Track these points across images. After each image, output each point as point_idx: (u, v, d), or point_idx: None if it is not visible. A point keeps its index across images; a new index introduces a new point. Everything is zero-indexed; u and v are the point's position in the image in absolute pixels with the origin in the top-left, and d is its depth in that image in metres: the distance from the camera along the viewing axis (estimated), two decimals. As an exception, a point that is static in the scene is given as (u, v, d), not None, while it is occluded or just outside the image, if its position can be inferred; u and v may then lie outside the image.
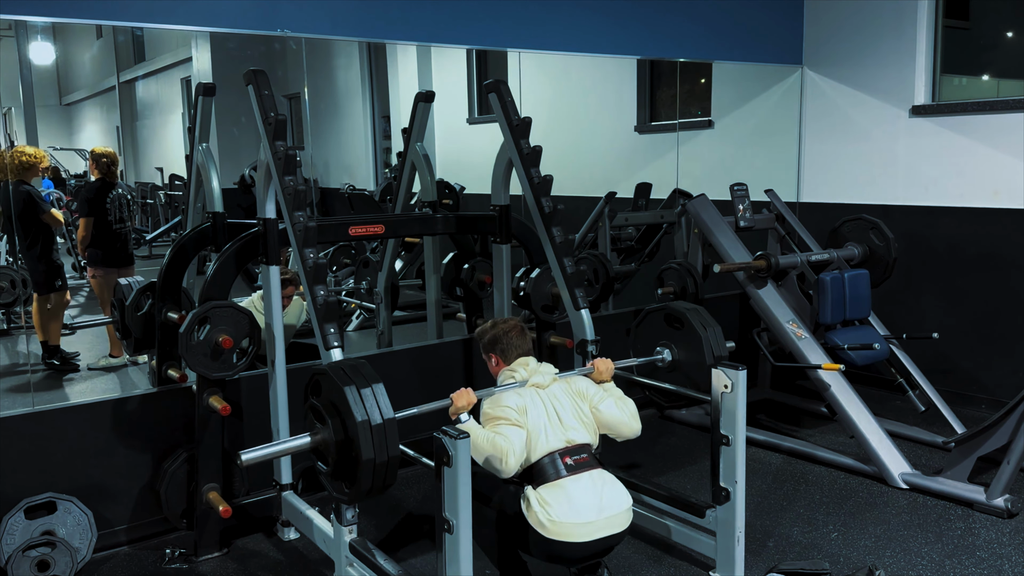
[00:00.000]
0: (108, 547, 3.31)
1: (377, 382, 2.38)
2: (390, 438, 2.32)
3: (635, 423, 2.87)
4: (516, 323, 2.98)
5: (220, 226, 3.89)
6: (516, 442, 2.59)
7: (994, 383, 4.78)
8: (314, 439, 2.44)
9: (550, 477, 2.61)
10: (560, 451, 2.65)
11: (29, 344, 5.55)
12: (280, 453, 2.55)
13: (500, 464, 2.57)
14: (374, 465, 2.30)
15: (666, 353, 3.40)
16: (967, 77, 5.14)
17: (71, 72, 8.34)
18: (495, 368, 2.96)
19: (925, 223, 4.98)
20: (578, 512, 2.57)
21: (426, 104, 4.92)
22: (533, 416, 2.68)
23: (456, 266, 4.53)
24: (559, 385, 2.83)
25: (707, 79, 6.25)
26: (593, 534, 2.58)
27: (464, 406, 2.66)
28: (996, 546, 3.26)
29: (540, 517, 2.56)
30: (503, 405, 2.68)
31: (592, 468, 2.69)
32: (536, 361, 2.91)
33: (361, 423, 2.28)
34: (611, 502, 2.64)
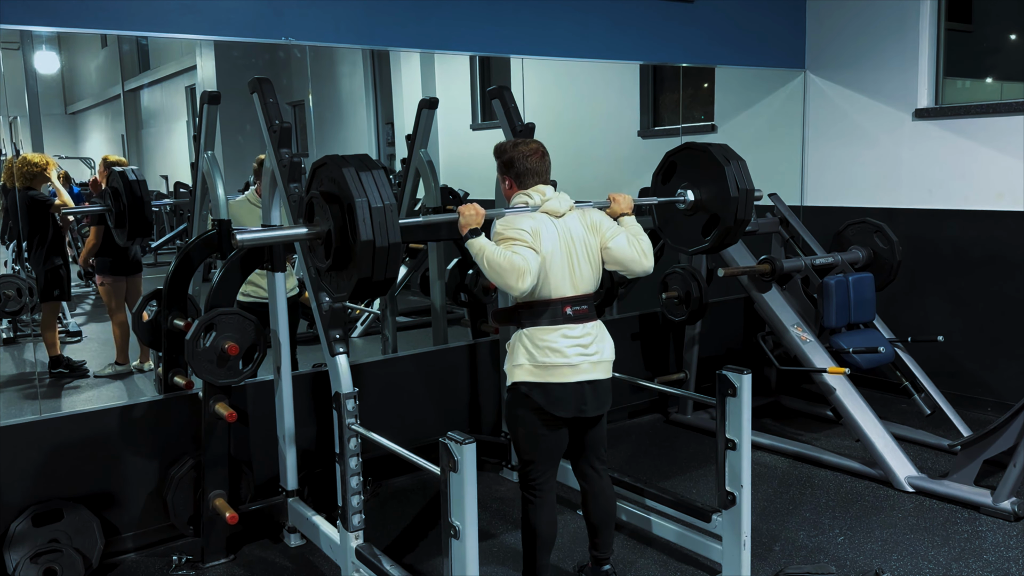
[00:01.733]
0: (115, 554, 3.32)
1: (378, 169, 2.29)
2: (390, 221, 2.21)
3: (646, 260, 2.79)
4: (538, 146, 2.79)
5: (225, 233, 3.90)
6: (532, 263, 2.54)
7: (1000, 385, 4.77)
8: (312, 229, 2.36)
9: (546, 322, 2.64)
10: (562, 299, 2.65)
11: (36, 352, 5.57)
12: (276, 238, 2.46)
13: (516, 281, 2.52)
14: (374, 248, 2.19)
15: (688, 193, 3.23)
16: (970, 80, 5.14)
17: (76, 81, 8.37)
18: (508, 191, 2.81)
19: (929, 226, 4.98)
20: (566, 358, 2.62)
21: (430, 111, 4.93)
22: (547, 244, 2.61)
23: (461, 272, 4.54)
24: (574, 216, 2.74)
25: (710, 83, 6.26)
26: (578, 375, 2.65)
27: (473, 215, 2.60)
28: (1003, 549, 3.25)
29: (526, 363, 2.63)
30: (517, 227, 2.60)
31: (589, 320, 2.71)
32: (552, 189, 2.78)
33: (360, 203, 2.18)
34: (598, 349, 2.70)
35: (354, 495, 2.86)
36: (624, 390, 4.37)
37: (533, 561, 2.77)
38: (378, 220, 2.19)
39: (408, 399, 4.03)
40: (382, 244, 2.20)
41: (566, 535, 3.41)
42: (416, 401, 4.07)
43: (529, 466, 2.75)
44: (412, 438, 3.22)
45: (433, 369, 4.16)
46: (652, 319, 4.97)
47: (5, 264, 5.90)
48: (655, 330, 5.00)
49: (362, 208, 2.18)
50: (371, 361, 4.06)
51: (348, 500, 2.86)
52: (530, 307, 2.67)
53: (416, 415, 4.04)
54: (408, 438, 2.99)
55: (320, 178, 2.35)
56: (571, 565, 3.18)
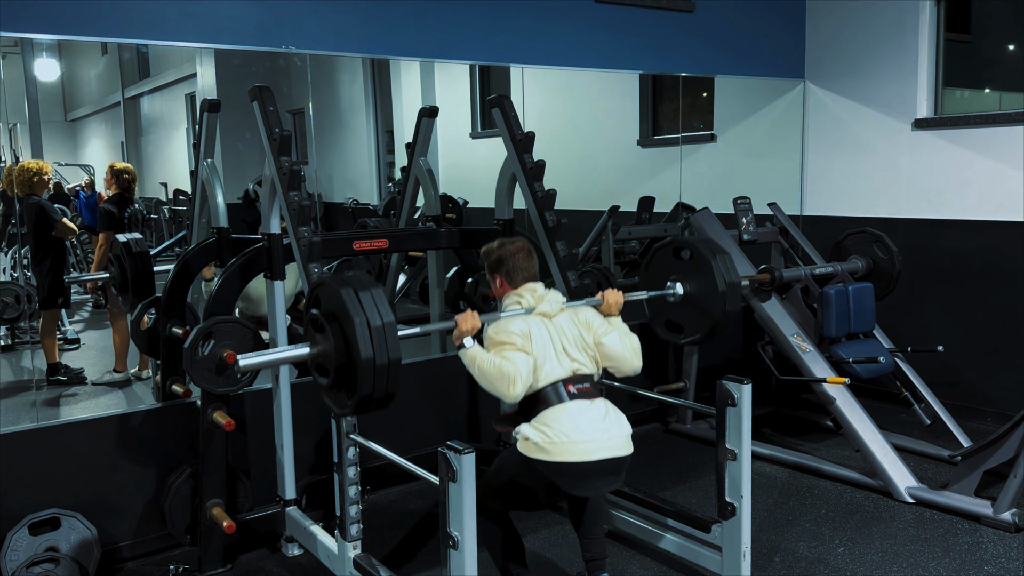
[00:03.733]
0: (112, 563, 3.30)
1: (376, 287, 2.32)
2: (390, 339, 2.23)
3: (636, 360, 2.81)
4: (524, 244, 2.87)
5: (224, 241, 3.90)
6: (523, 367, 2.55)
7: (1000, 396, 4.76)
8: (313, 349, 2.37)
9: (552, 402, 2.58)
10: (563, 380, 2.63)
11: (34, 359, 5.56)
12: (278, 361, 2.47)
13: (507, 388, 2.53)
14: (374, 367, 2.21)
15: (677, 287, 3.28)
16: (969, 90, 5.15)
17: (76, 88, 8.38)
18: (499, 290, 2.86)
19: (929, 236, 4.98)
20: (580, 431, 2.54)
21: (430, 119, 4.94)
22: (538, 343, 2.63)
23: (460, 280, 4.54)
24: (565, 315, 2.77)
25: (709, 93, 6.27)
26: (594, 454, 2.54)
27: (468, 330, 2.61)
28: (1004, 560, 3.24)
29: (539, 442, 2.53)
30: (508, 331, 2.63)
31: (595, 396, 2.66)
32: (543, 287, 2.83)
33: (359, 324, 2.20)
34: (613, 424, 2.62)
35: (352, 504, 2.85)
36: (623, 399, 4.35)
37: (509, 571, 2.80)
38: (378, 338, 2.23)
39: (407, 408, 4.02)
40: (382, 361, 2.23)
41: (565, 545, 3.40)
42: (415, 410, 4.06)
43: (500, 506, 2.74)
44: (411, 447, 3.21)
45: (432, 378, 4.15)
46: (652, 328, 4.95)
47: (4, 271, 5.90)
48: (655, 339, 4.98)
49: (361, 327, 2.21)
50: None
51: (346, 510, 2.84)
52: (532, 398, 2.62)
53: (415, 424, 4.03)
54: (407, 447, 2.98)
55: (319, 298, 2.39)
56: (572, 573, 3.16)
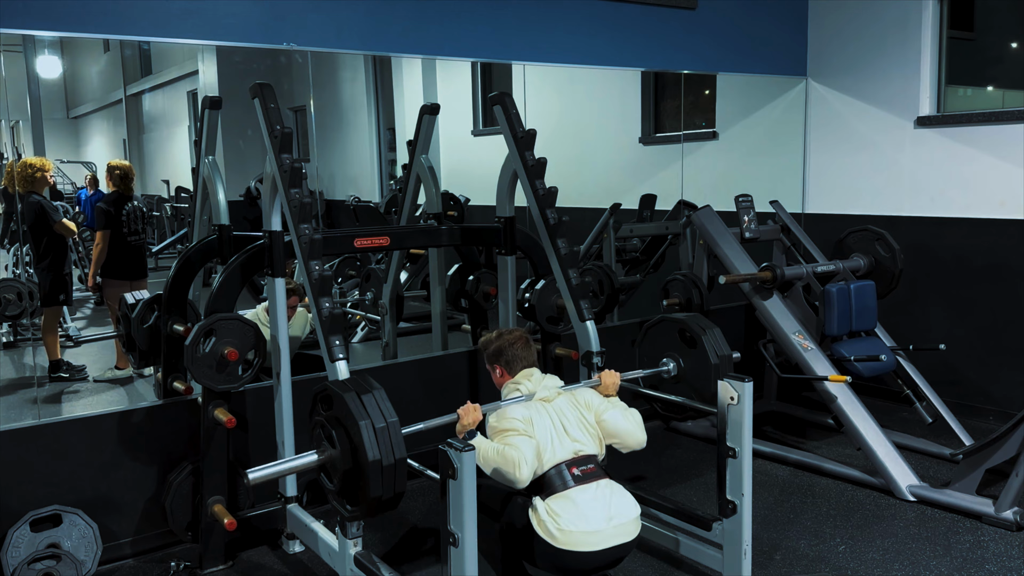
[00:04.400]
0: (113, 560, 3.30)
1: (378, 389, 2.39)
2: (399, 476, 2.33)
3: (640, 433, 2.86)
4: (521, 334, 2.98)
5: (226, 238, 3.90)
6: (527, 451, 2.58)
7: (1002, 395, 4.75)
8: (321, 458, 2.44)
9: (557, 488, 2.61)
10: (567, 462, 2.65)
11: (35, 356, 5.56)
12: (287, 472, 2.55)
13: (513, 473, 2.55)
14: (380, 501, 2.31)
15: (671, 365, 3.40)
16: (972, 88, 5.14)
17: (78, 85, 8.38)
18: (499, 380, 2.96)
19: (931, 234, 4.97)
20: (587, 520, 2.56)
21: (431, 116, 4.93)
22: (540, 428, 2.68)
23: (461, 278, 4.53)
24: (564, 398, 2.83)
25: (711, 90, 6.26)
26: (602, 543, 2.57)
27: (470, 423, 2.67)
28: (1005, 559, 3.23)
29: (549, 527, 2.55)
30: (509, 417, 2.68)
31: (599, 478, 2.68)
32: (540, 373, 2.92)
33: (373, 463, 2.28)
34: (619, 511, 2.63)
35: (353, 502, 2.85)
36: (625, 397, 4.35)
37: None
38: (383, 439, 2.30)
39: (408, 405, 4.00)
40: (388, 462, 2.30)
41: (566, 543, 3.40)
42: (416, 407, 4.05)
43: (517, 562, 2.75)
44: (411, 445, 3.21)
45: (433, 375, 4.15)
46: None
47: (6, 268, 5.90)
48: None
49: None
50: (371, 367, 4.05)
51: (347, 507, 2.84)
52: (537, 482, 2.64)
53: (416, 422, 4.02)
54: (408, 444, 2.98)
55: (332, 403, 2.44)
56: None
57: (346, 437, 2.37)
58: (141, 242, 5.53)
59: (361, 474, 2.32)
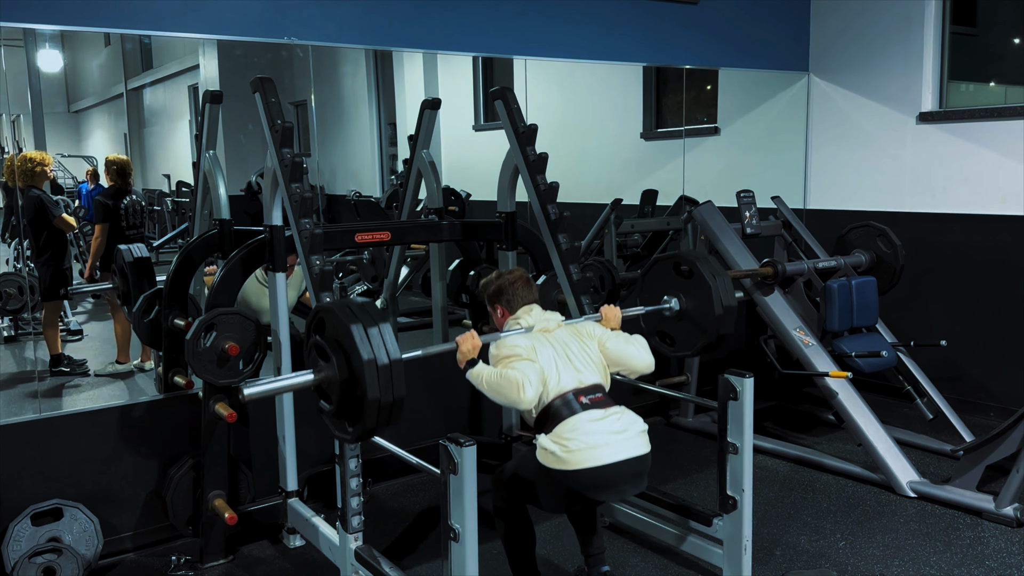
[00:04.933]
0: (114, 554, 3.31)
1: (384, 322, 2.32)
2: (396, 378, 2.25)
3: (647, 355, 2.82)
4: (522, 273, 2.91)
5: (227, 233, 3.89)
6: (531, 373, 2.54)
7: (1003, 391, 4.75)
8: (317, 376, 2.37)
9: (564, 416, 2.56)
10: (574, 391, 2.61)
11: (36, 351, 5.57)
12: (282, 389, 2.49)
13: (518, 394, 2.51)
14: (379, 405, 2.23)
15: (673, 302, 3.28)
16: (974, 84, 5.13)
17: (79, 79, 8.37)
18: (500, 320, 2.89)
19: (932, 230, 4.96)
20: (596, 435, 2.52)
21: (432, 111, 4.92)
22: (544, 356, 2.63)
23: (462, 273, 4.53)
24: (565, 330, 2.78)
25: (713, 86, 6.25)
26: (614, 456, 2.52)
27: (470, 350, 2.62)
28: (1005, 555, 3.24)
29: (558, 453, 2.50)
30: (511, 345, 2.64)
31: (609, 405, 2.65)
32: (541, 309, 2.84)
33: (367, 362, 2.20)
34: (628, 425, 2.61)
35: (353, 496, 2.85)
36: (625, 393, 4.35)
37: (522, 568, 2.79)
38: (384, 377, 2.23)
39: (409, 401, 4.00)
40: (387, 401, 2.25)
41: (565, 539, 3.40)
42: (416, 403, 4.05)
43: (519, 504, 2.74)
44: (412, 439, 3.22)
45: (434, 370, 4.15)
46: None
47: (7, 263, 5.91)
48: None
49: (370, 367, 2.22)
50: (372, 362, 4.05)
51: (348, 501, 2.85)
52: (546, 412, 2.61)
53: (416, 417, 4.03)
54: (408, 439, 2.99)
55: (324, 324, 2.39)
56: (571, 567, 3.17)
57: (340, 349, 2.30)
58: (140, 236, 5.53)
59: (358, 381, 2.25)
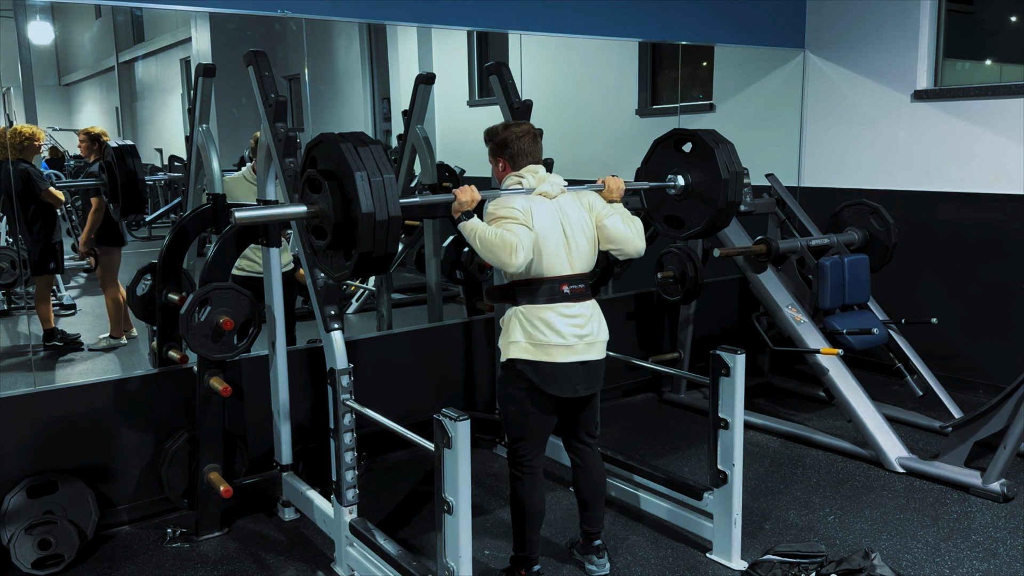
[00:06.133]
0: (110, 526, 3.33)
1: (376, 144, 2.28)
2: (390, 197, 2.21)
3: (639, 241, 2.83)
4: (529, 128, 2.82)
5: (220, 208, 3.88)
6: (524, 238, 2.56)
7: (992, 368, 4.79)
8: (310, 207, 2.34)
9: (544, 298, 2.65)
10: (561, 278, 2.67)
11: (30, 325, 5.56)
12: (273, 216, 2.43)
13: (509, 257, 2.54)
14: (374, 221, 2.19)
15: (679, 179, 3.21)
16: (970, 62, 5.12)
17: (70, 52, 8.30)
18: (501, 173, 2.83)
19: (926, 208, 4.98)
20: (561, 334, 2.64)
21: (427, 86, 4.89)
22: (540, 222, 2.63)
23: (456, 249, 4.53)
24: (567, 196, 2.77)
25: (709, 62, 6.22)
26: (573, 356, 2.67)
27: (468, 201, 2.63)
28: (992, 530, 3.28)
29: (521, 340, 2.65)
30: (509, 206, 2.63)
31: (586, 299, 2.73)
32: (546, 170, 2.82)
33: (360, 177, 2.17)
34: (595, 331, 2.73)
35: (348, 470, 2.87)
36: (618, 369, 4.38)
37: (523, 536, 2.79)
38: (378, 193, 2.18)
39: (403, 376, 4.04)
40: (382, 217, 2.18)
41: (559, 511, 3.43)
42: (411, 378, 4.08)
43: (518, 443, 2.77)
44: (407, 414, 3.24)
45: (428, 346, 4.17)
46: (647, 299, 4.97)
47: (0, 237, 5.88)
48: (650, 310, 5.01)
49: (362, 180, 2.17)
50: (366, 337, 4.07)
51: (342, 475, 2.87)
52: (527, 284, 2.67)
53: (411, 392, 4.05)
54: (403, 414, 3.00)
55: (316, 156, 2.34)
56: (563, 540, 3.20)
57: (333, 176, 2.25)
58: None
59: (351, 201, 2.20)
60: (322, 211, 2.29)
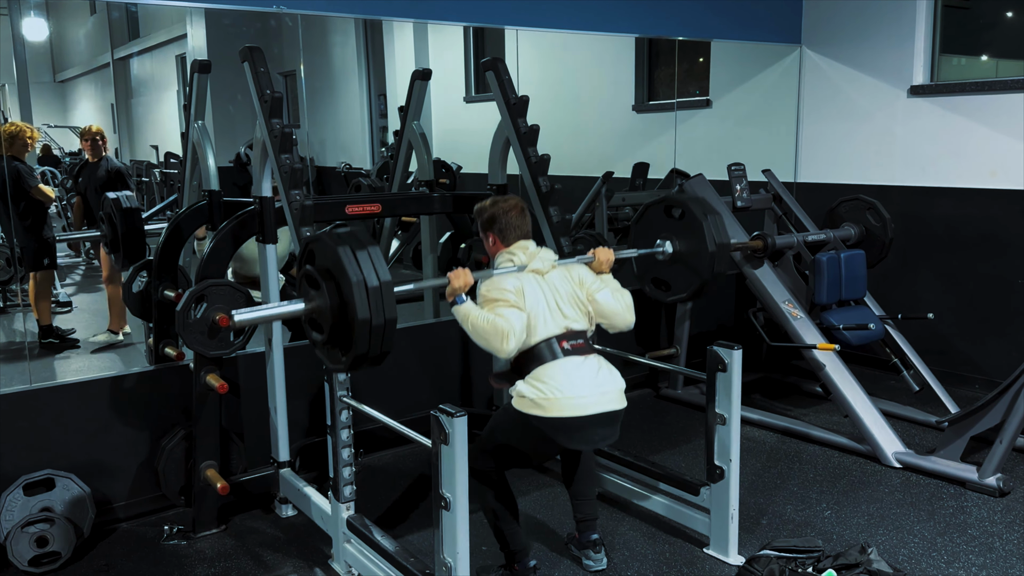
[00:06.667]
0: (107, 523, 3.33)
1: (373, 245, 2.31)
2: (387, 300, 2.25)
3: (629, 315, 2.85)
4: (517, 202, 2.86)
5: (216, 204, 3.88)
6: (516, 323, 2.57)
7: (988, 363, 4.80)
8: (308, 305, 2.37)
9: (546, 359, 2.61)
10: (557, 336, 2.65)
11: (26, 322, 5.55)
12: (273, 317, 2.49)
13: (501, 344, 2.55)
14: (370, 327, 2.22)
15: (667, 245, 3.28)
16: (966, 57, 5.13)
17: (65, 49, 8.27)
18: (492, 248, 2.87)
19: (922, 203, 4.98)
20: (573, 386, 2.57)
21: (423, 82, 4.89)
22: (531, 300, 2.65)
23: (453, 246, 4.53)
24: (558, 272, 2.79)
25: (705, 58, 6.22)
26: (588, 409, 2.58)
27: (461, 287, 2.65)
28: (987, 524, 3.29)
29: (535, 398, 2.56)
30: (501, 287, 2.64)
31: (589, 353, 2.69)
32: (535, 245, 2.84)
33: (356, 283, 2.20)
34: (606, 380, 2.66)
35: (345, 467, 2.87)
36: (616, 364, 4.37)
37: (502, 534, 2.81)
38: (375, 299, 2.22)
39: (400, 372, 4.04)
40: (378, 322, 2.23)
41: (556, 508, 3.44)
42: (408, 374, 4.08)
43: (493, 465, 2.76)
44: (404, 411, 3.23)
45: (425, 343, 4.16)
46: (644, 294, 4.96)
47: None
48: (647, 305, 4.98)
49: (359, 288, 2.21)
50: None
51: (339, 471, 2.87)
52: (527, 354, 2.64)
53: (408, 388, 4.05)
54: (400, 411, 3.00)
55: (314, 252, 2.38)
56: (561, 535, 3.20)
57: (330, 276, 2.29)
58: None
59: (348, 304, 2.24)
60: (320, 308, 2.34)
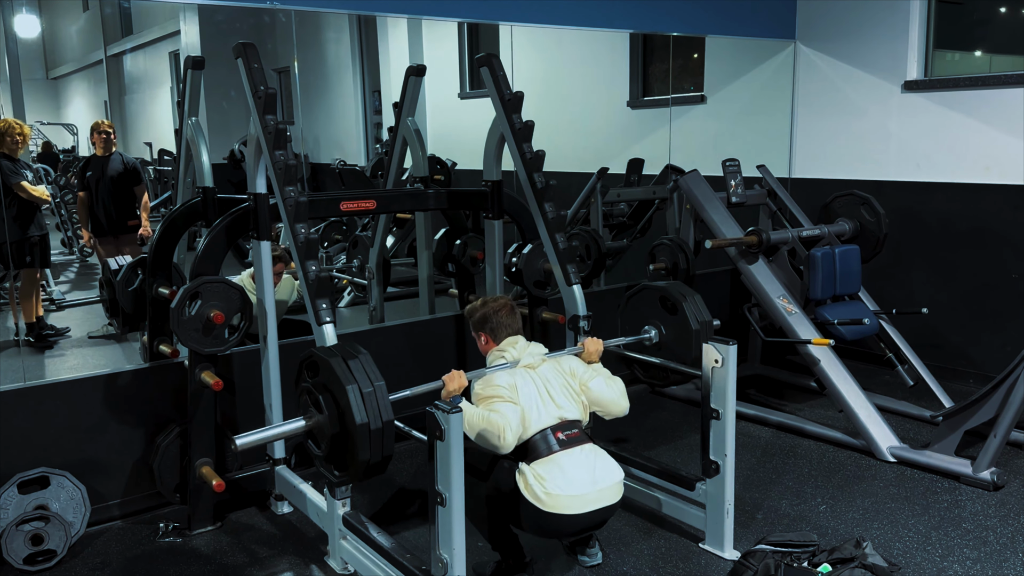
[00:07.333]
0: (102, 521, 3.32)
1: (364, 353, 2.39)
2: (387, 438, 2.36)
3: (623, 401, 2.92)
4: (506, 301, 3.00)
5: (210, 201, 3.87)
6: (512, 417, 2.62)
7: (983, 358, 4.82)
8: (309, 423, 2.46)
9: (543, 453, 2.65)
10: (552, 427, 2.69)
11: (18, 320, 5.53)
12: (274, 438, 2.57)
13: (498, 440, 2.60)
14: (368, 464, 2.34)
15: (653, 333, 3.43)
16: (960, 52, 5.13)
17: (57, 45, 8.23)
18: (485, 347, 2.99)
19: (916, 199, 4.99)
20: (572, 484, 2.61)
21: (417, 78, 4.88)
22: (524, 394, 2.71)
23: (448, 242, 4.53)
24: (549, 365, 2.86)
25: (700, 54, 6.22)
26: (587, 506, 2.63)
27: (455, 389, 2.70)
28: (982, 518, 3.30)
29: (536, 491, 2.59)
30: (494, 384, 2.71)
31: (584, 443, 2.73)
32: (525, 340, 2.94)
33: (361, 426, 2.31)
34: (604, 475, 2.69)
35: (341, 464, 2.87)
36: (612, 361, 4.38)
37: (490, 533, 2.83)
38: (370, 403, 2.32)
39: (395, 369, 4.02)
40: (376, 426, 2.32)
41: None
42: (403, 371, 4.07)
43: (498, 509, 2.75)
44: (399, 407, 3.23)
45: (420, 339, 4.16)
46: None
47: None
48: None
49: (354, 393, 2.31)
50: (358, 331, 4.06)
51: (335, 469, 2.87)
52: (523, 448, 2.68)
53: (403, 384, 4.03)
54: (395, 407, 2.99)
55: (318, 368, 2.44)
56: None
57: (333, 402, 2.38)
58: None
59: (349, 438, 2.34)
60: (320, 427, 2.42)
